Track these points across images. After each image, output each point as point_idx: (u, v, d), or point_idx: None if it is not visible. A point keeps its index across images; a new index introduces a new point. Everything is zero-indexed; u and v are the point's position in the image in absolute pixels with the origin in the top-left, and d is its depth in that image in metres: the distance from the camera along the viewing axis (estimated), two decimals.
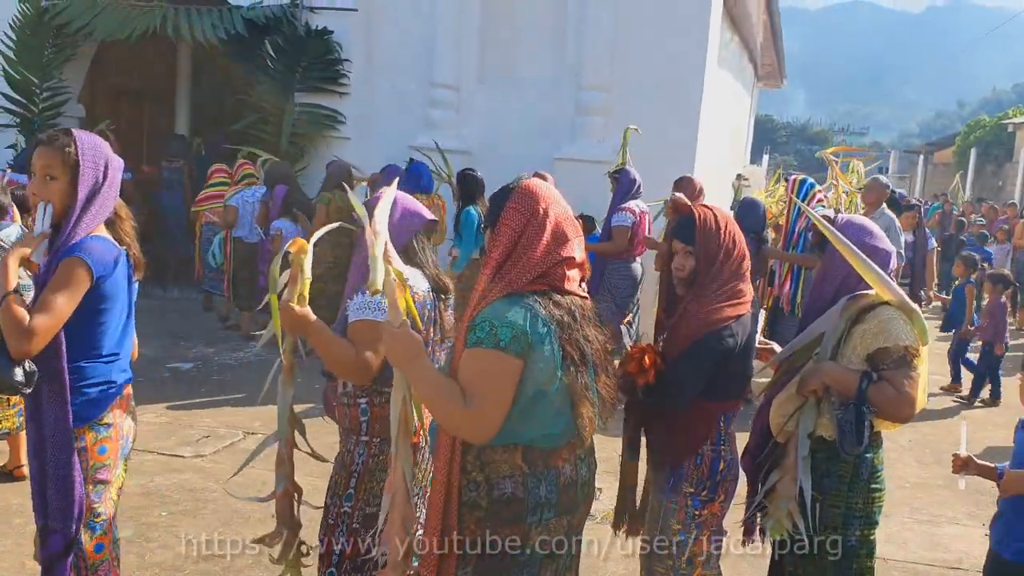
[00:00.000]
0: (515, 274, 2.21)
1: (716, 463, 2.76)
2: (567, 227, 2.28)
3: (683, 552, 2.78)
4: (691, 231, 2.78)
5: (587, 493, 2.37)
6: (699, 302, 2.72)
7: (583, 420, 2.24)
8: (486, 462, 2.22)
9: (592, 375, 2.27)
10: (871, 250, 2.80)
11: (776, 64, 21.06)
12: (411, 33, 9.49)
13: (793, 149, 52.64)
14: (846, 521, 2.78)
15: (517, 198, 2.26)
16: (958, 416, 7.38)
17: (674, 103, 8.97)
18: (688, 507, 2.76)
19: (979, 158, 31.24)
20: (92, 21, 9.85)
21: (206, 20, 9.58)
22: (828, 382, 2.72)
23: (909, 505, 5.30)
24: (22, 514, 4.40)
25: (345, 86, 9.63)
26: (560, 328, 2.19)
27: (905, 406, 2.64)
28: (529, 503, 2.21)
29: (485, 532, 2.22)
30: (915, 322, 2.71)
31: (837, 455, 2.74)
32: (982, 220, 15.27)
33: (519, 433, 2.20)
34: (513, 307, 2.16)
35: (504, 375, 2.13)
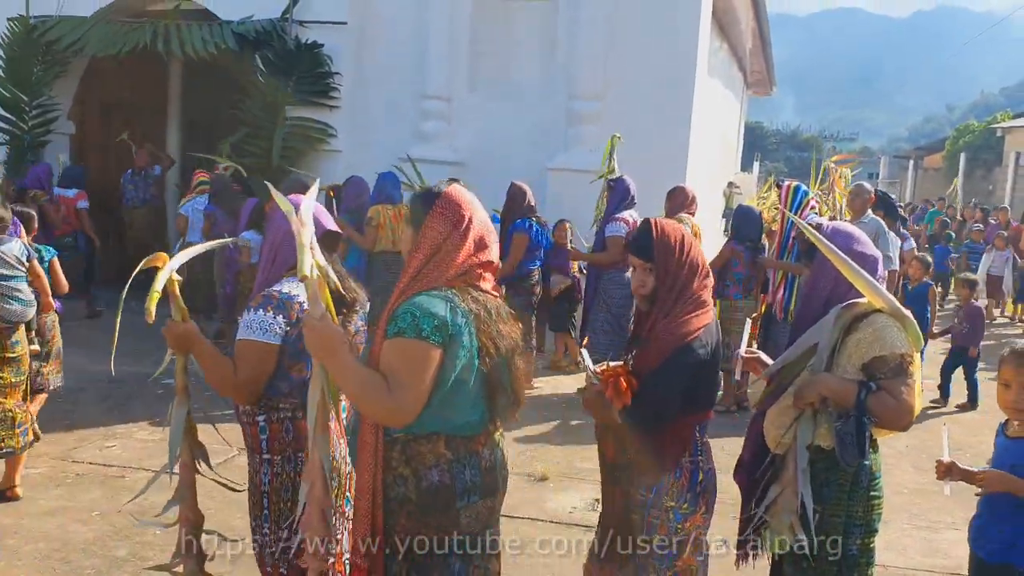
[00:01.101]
0: (436, 275, 2.34)
1: (695, 474, 2.75)
2: (486, 234, 2.42)
3: (668, 567, 2.76)
4: (649, 247, 2.75)
5: (504, 476, 2.49)
6: (666, 318, 2.70)
7: (498, 409, 2.39)
8: (411, 455, 2.30)
9: (505, 367, 2.41)
10: (859, 257, 2.79)
11: (765, 71, 21.13)
12: (402, 45, 9.50)
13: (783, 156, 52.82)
14: (847, 530, 2.75)
15: (442, 205, 2.38)
16: (952, 421, 7.37)
17: (665, 111, 9.00)
18: (671, 521, 2.73)
19: (969, 162, 31.39)
20: (82, 37, 9.84)
21: (196, 35, 9.57)
22: (825, 393, 2.68)
23: (908, 511, 5.29)
24: (16, 535, 4.37)
25: (336, 99, 9.62)
26: (478, 321, 2.32)
27: (905, 414, 2.63)
28: (457, 488, 2.32)
29: (416, 526, 2.29)
30: (908, 328, 2.70)
31: (836, 464, 2.71)
32: (979, 226, 15.27)
33: (441, 421, 2.30)
34: (435, 300, 2.28)
35: (426, 363, 2.22)
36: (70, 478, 5.14)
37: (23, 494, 4.84)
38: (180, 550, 2.75)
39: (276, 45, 9.56)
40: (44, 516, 4.61)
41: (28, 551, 4.19)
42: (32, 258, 4.99)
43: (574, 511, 4.91)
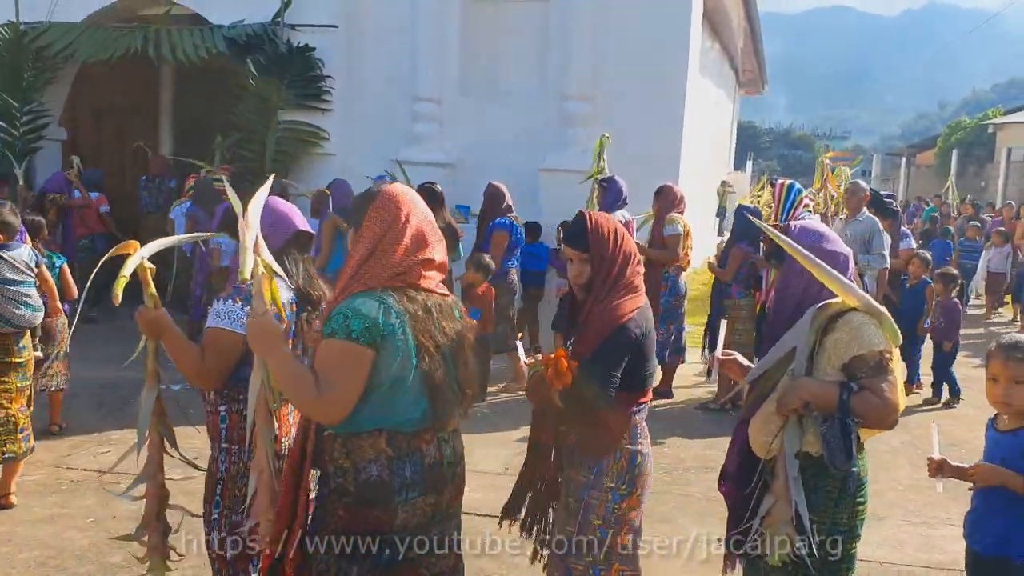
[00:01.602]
0: (373, 273, 2.37)
1: (634, 457, 2.84)
2: (427, 232, 2.45)
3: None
4: (584, 239, 2.87)
5: (454, 473, 2.50)
6: (600, 303, 2.83)
7: (441, 406, 2.41)
8: (352, 448, 2.34)
9: (450, 365, 2.44)
10: (829, 255, 2.78)
11: (757, 70, 21.19)
12: (393, 48, 9.49)
13: (776, 154, 52.87)
14: (830, 536, 2.74)
15: (380, 204, 2.41)
16: (947, 417, 7.38)
17: (657, 111, 9.01)
18: (609, 502, 2.83)
19: (961, 159, 31.45)
20: (73, 43, 9.82)
21: (187, 40, 9.56)
22: (807, 398, 2.64)
23: (903, 507, 5.30)
24: (10, 542, 4.36)
25: (328, 102, 9.62)
26: (414, 320, 2.35)
27: (890, 412, 2.61)
28: (395, 484, 2.35)
29: (354, 518, 2.33)
30: (884, 325, 2.68)
31: (824, 470, 2.68)
32: (975, 223, 15.07)
33: (382, 419, 2.34)
34: (367, 300, 2.32)
35: (354, 363, 2.27)
36: (64, 485, 5.13)
37: (17, 501, 4.82)
38: (145, 522, 2.84)
39: (267, 49, 9.56)
40: (39, 523, 4.60)
41: (23, 559, 4.18)
42: (41, 264, 5.06)
43: None
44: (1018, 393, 2.84)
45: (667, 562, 4.19)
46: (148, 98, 12.68)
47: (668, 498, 5.28)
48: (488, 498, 4.95)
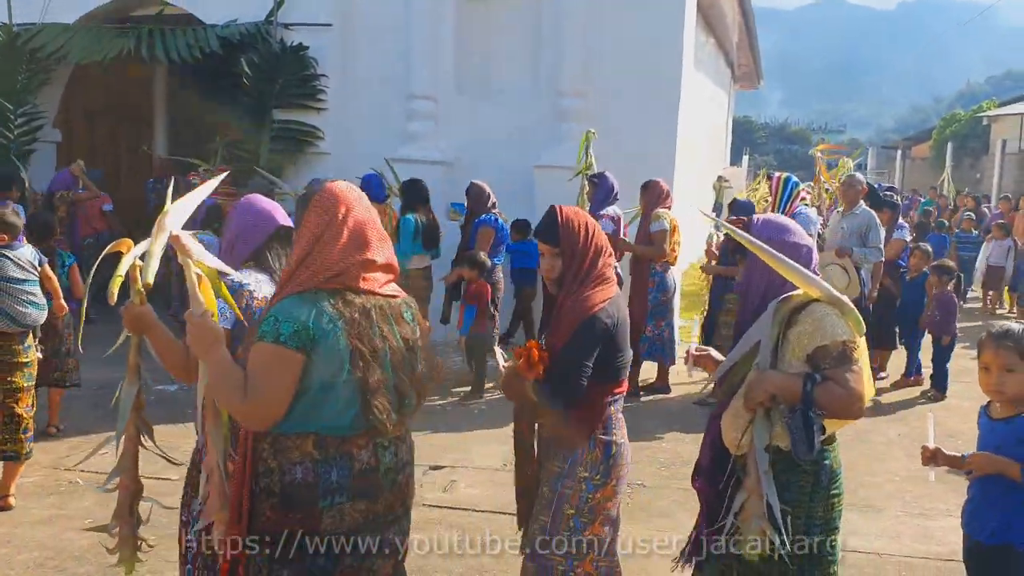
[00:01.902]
0: (310, 273, 2.32)
1: (609, 447, 2.87)
2: (368, 231, 2.39)
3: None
4: (554, 233, 2.90)
5: (394, 480, 2.44)
6: (572, 296, 2.86)
7: (375, 413, 2.33)
8: (279, 449, 2.31)
9: (389, 370, 2.38)
10: (791, 247, 2.78)
11: (752, 65, 21.20)
12: (387, 46, 9.47)
13: (772, 149, 52.94)
14: (807, 531, 2.73)
15: (318, 202, 2.37)
16: (942, 409, 7.39)
17: (652, 106, 9.00)
18: (583, 492, 2.85)
19: (956, 152, 31.51)
20: (65, 44, 9.79)
21: (180, 40, 9.54)
22: (772, 391, 2.64)
23: (901, 499, 5.31)
24: (9, 544, 4.36)
25: (323, 101, 9.60)
26: (349, 325, 2.29)
27: (854, 401, 2.60)
28: (320, 488, 2.30)
29: (280, 519, 2.30)
30: (847, 314, 2.68)
31: (796, 465, 2.68)
32: (970, 215, 14.97)
33: (309, 422, 2.30)
34: (300, 304, 2.27)
35: (282, 368, 2.24)
36: (63, 486, 5.13)
37: (15, 503, 4.83)
38: (117, 514, 2.83)
39: (261, 48, 9.54)
40: (37, 525, 4.60)
41: (22, 560, 4.18)
42: (44, 263, 5.15)
43: None
44: (1011, 381, 2.86)
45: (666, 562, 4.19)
46: (142, 99, 12.65)
47: (667, 492, 5.29)
48: (487, 495, 4.96)
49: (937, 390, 7.76)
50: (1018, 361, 2.84)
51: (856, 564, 4.39)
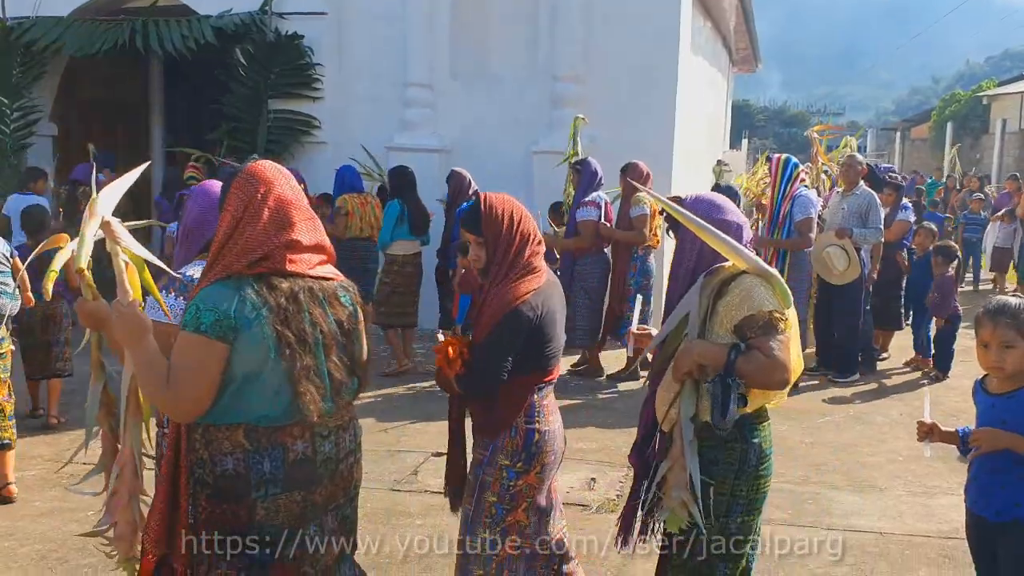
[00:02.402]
0: (233, 257, 2.24)
1: (530, 434, 2.83)
2: (292, 211, 2.30)
3: (497, 523, 2.83)
4: (478, 222, 2.84)
5: (334, 470, 2.39)
6: (496, 286, 2.81)
7: (304, 401, 2.26)
8: (210, 440, 2.26)
9: (321, 355, 2.31)
10: (722, 224, 2.79)
11: (750, 48, 21.09)
12: (382, 34, 9.44)
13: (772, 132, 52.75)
14: (729, 508, 2.73)
15: (238, 182, 2.29)
16: (944, 388, 7.39)
17: (650, 91, 8.96)
18: (503, 479, 2.82)
19: (956, 132, 31.40)
20: (59, 38, 9.78)
21: (175, 31, 9.51)
22: (698, 360, 2.65)
23: (903, 478, 5.31)
24: (11, 537, 4.36)
25: (319, 90, 9.58)
26: (275, 311, 2.22)
27: (777, 371, 2.57)
28: (252, 479, 2.25)
29: (214, 510, 2.26)
30: (775, 286, 2.67)
31: (725, 442, 2.69)
32: (979, 195, 14.78)
33: (237, 413, 2.24)
34: (223, 291, 2.21)
35: (202, 358, 2.17)
36: (65, 479, 5.12)
37: (18, 496, 4.83)
38: (110, 513, 2.74)
39: (256, 38, 9.52)
40: (40, 517, 4.61)
41: (24, 552, 4.19)
42: (14, 255, 5.27)
43: (571, 491, 4.91)
44: (1011, 357, 2.84)
45: None
46: (137, 91, 12.61)
47: None
48: None
49: (940, 370, 7.75)
50: (1016, 336, 2.82)
51: (859, 544, 4.40)
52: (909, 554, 4.31)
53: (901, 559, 4.27)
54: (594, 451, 5.68)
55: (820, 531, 4.55)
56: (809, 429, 6.25)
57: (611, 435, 5.94)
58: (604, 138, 8.79)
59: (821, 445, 5.93)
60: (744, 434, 2.70)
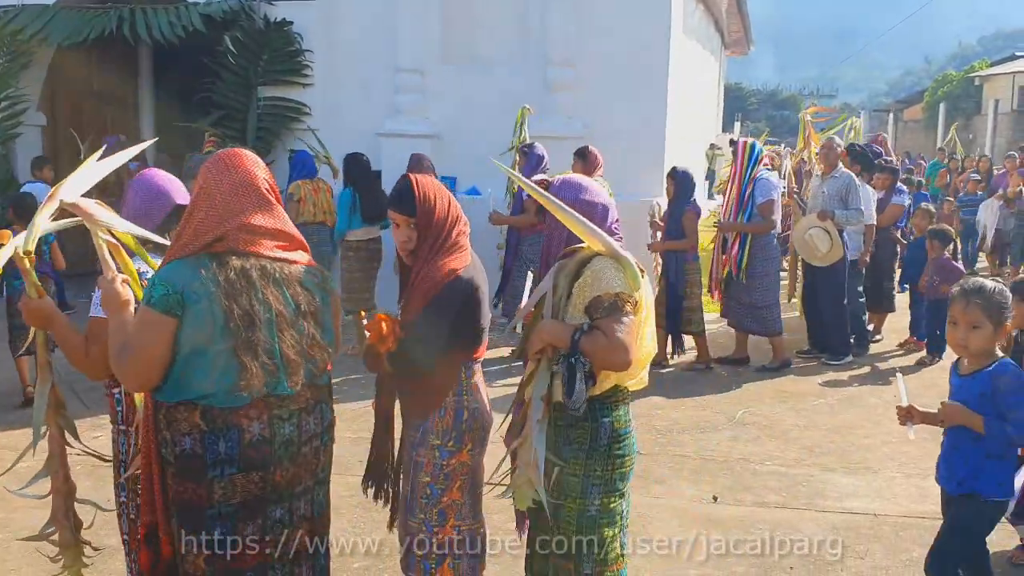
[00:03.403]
0: (190, 237, 2.34)
1: (460, 413, 2.82)
2: (249, 196, 2.38)
3: (434, 504, 2.82)
4: (411, 203, 2.84)
5: (296, 452, 2.43)
6: (425, 266, 2.82)
7: (247, 375, 2.31)
8: (171, 420, 2.35)
9: (273, 334, 2.36)
10: (587, 206, 2.83)
11: (742, 30, 21.02)
12: (372, 19, 9.37)
13: (765, 115, 52.71)
14: (585, 490, 2.73)
15: (205, 168, 2.42)
16: (938, 369, 7.39)
17: (641, 74, 8.93)
18: (436, 459, 2.82)
19: (949, 113, 31.41)
20: (46, 26, 9.68)
21: (163, 19, 9.43)
22: (546, 339, 2.70)
23: (896, 459, 5.33)
24: (5, 528, 4.35)
25: (308, 77, 9.51)
26: (224, 287, 2.29)
27: (618, 352, 2.59)
28: (208, 459, 2.32)
29: (179, 488, 2.35)
30: (626, 268, 2.69)
31: (576, 422, 2.71)
32: (976, 176, 14.66)
33: (189, 389, 2.31)
34: (180, 268, 2.30)
35: (151, 330, 2.26)
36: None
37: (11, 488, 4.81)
38: (53, 518, 2.80)
39: (245, 25, 9.45)
40: (33, 509, 4.55)
41: (19, 545, 4.17)
42: None
43: None
44: (975, 337, 2.95)
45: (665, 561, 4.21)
46: (126, 80, 12.50)
47: (663, 459, 5.30)
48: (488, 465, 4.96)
49: (932, 353, 7.75)
50: (984, 319, 2.92)
51: (853, 525, 4.41)
52: (903, 535, 4.32)
53: (895, 540, 4.28)
54: None
55: (813, 513, 4.56)
56: (803, 411, 6.27)
57: None
58: (596, 122, 8.76)
59: (815, 427, 5.94)
60: (595, 414, 2.73)
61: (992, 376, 2.97)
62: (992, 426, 2.92)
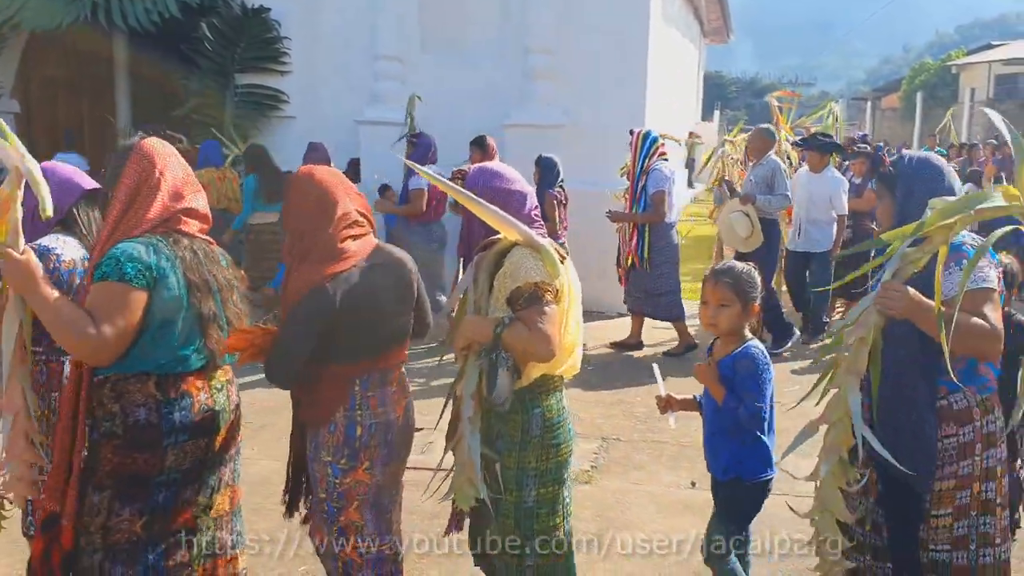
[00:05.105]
0: (133, 224, 2.45)
1: (352, 429, 2.66)
2: (184, 184, 2.55)
3: (332, 522, 2.71)
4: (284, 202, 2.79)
5: (228, 420, 2.60)
6: (297, 269, 2.66)
7: (212, 342, 2.53)
8: (121, 392, 2.42)
9: (219, 304, 2.57)
10: (503, 194, 2.81)
11: (722, 18, 21.07)
12: (351, 6, 9.31)
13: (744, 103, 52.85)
14: (521, 481, 2.71)
15: (135, 159, 2.49)
16: None
17: (621, 62, 8.92)
18: (329, 475, 2.68)
19: (925, 101, 31.65)
20: (18, 12, 9.51)
21: (138, 5, 9.29)
22: (469, 335, 2.66)
23: None
24: None
25: (287, 64, 9.44)
26: (184, 263, 2.47)
27: (540, 343, 2.54)
28: (164, 428, 2.44)
29: (123, 460, 2.42)
30: (544, 257, 2.65)
31: (507, 415, 2.68)
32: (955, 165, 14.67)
33: (150, 360, 2.43)
34: (137, 245, 2.41)
35: (129, 303, 2.35)
36: None
37: None
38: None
39: (222, 12, 9.36)
40: None
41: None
42: None
43: None
44: (723, 316, 2.97)
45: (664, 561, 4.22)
46: (102, 67, 12.36)
47: (643, 446, 5.33)
48: None
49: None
50: (732, 297, 2.95)
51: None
52: None
53: None
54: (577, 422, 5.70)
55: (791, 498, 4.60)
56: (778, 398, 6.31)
57: (582, 407, 5.97)
58: (576, 110, 8.77)
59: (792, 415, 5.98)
60: (525, 405, 2.70)
61: (735, 359, 2.96)
62: (729, 401, 2.92)
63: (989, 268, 2.53)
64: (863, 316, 2.46)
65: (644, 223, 7.25)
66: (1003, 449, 2.67)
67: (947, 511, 2.62)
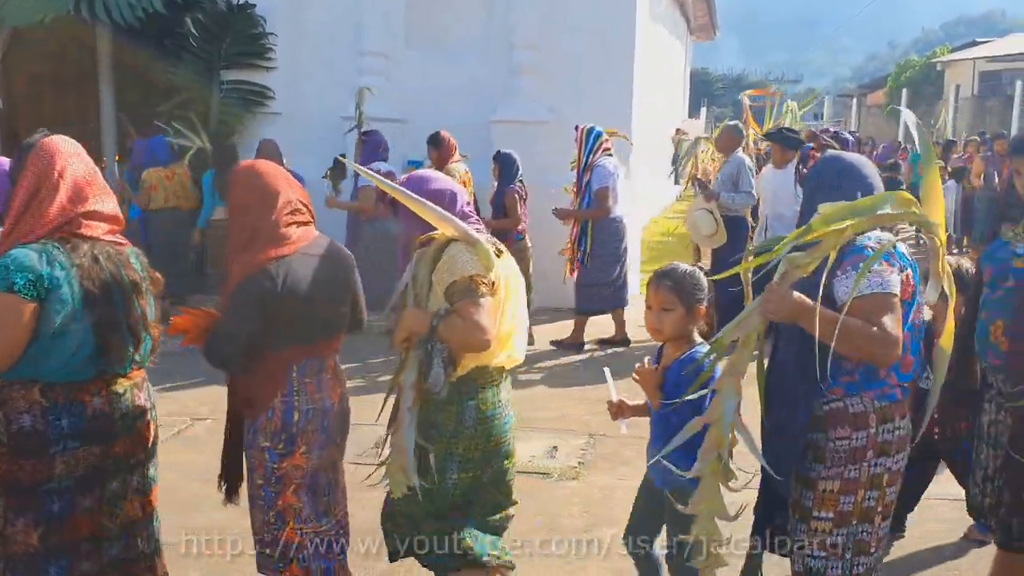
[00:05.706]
0: (31, 226, 2.38)
1: (289, 414, 2.72)
2: (87, 184, 2.46)
3: (270, 507, 2.75)
4: (225, 187, 2.87)
5: (132, 425, 2.55)
6: (237, 255, 2.71)
7: (110, 353, 2.45)
8: (4, 399, 2.37)
9: (121, 314, 2.47)
10: (435, 195, 2.85)
11: (708, 16, 21.13)
12: (337, 3, 9.29)
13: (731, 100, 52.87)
14: (444, 465, 2.80)
15: (34, 157, 2.42)
16: None
17: (608, 59, 8.93)
18: (266, 461, 2.73)
19: (911, 98, 31.81)
20: (1, 8, 9.45)
21: (123, 0, 9.25)
22: (408, 328, 2.74)
23: None
24: None
25: (272, 60, 9.40)
26: (80, 270, 2.37)
27: (474, 333, 2.61)
28: (51, 434, 2.38)
29: (10, 468, 2.37)
30: (479, 250, 2.73)
31: (443, 405, 2.76)
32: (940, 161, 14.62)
33: (35, 369, 2.36)
34: (29, 253, 2.32)
35: (15, 316, 2.28)
36: None
37: None
38: None
39: (207, 7, 9.31)
40: None
41: None
42: None
43: (532, 459, 4.96)
44: (667, 320, 2.87)
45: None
46: (87, 64, 12.28)
47: (629, 441, 5.31)
48: None
49: None
50: (675, 301, 2.85)
51: None
52: None
53: None
54: (553, 419, 5.72)
55: None
56: None
57: (569, 403, 5.98)
58: (562, 107, 8.77)
59: None
60: (460, 397, 2.76)
61: (682, 365, 2.87)
62: (663, 407, 2.84)
63: (891, 273, 2.44)
64: (746, 319, 2.44)
65: (587, 219, 7.28)
66: (898, 460, 2.59)
67: (828, 515, 2.57)
